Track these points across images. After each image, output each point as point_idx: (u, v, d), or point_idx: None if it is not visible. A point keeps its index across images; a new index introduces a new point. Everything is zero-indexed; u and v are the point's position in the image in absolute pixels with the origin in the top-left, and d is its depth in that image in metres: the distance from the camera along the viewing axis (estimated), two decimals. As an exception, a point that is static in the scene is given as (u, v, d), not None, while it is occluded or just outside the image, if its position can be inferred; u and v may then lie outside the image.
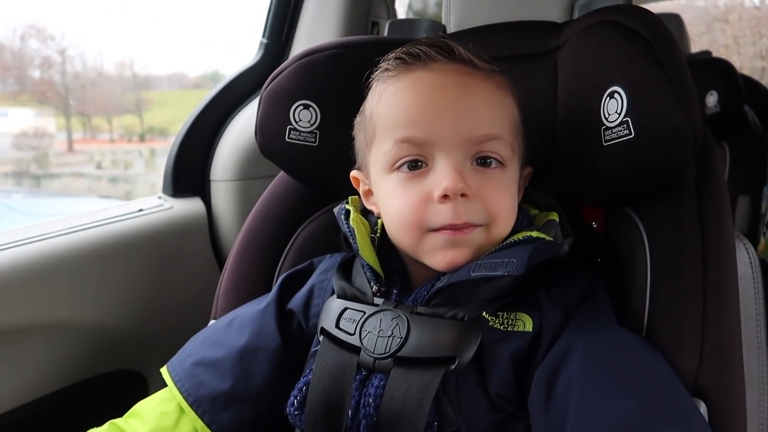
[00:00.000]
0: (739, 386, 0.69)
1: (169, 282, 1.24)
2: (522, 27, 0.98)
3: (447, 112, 0.70)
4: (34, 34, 5.76)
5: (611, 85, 0.76)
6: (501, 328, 0.69)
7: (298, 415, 0.72)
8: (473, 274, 0.68)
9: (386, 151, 0.73)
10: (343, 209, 0.81)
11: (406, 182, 0.71)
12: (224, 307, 0.96)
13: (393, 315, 0.71)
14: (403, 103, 0.72)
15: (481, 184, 0.70)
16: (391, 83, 0.74)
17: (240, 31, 5.85)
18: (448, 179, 0.68)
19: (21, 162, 5.79)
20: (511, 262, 0.67)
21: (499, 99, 0.74)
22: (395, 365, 0.68)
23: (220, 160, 1.36)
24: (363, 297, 0.75)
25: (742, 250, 0.86)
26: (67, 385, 1.10)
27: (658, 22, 0.77)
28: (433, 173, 0.70)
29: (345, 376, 0.69)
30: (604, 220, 0.87)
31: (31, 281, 1.04)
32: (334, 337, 0.73)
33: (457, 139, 0.70)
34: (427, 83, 0.71)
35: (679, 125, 0.71)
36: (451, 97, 0.70)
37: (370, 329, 0.71)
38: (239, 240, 1.00)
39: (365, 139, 0.78)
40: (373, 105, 0.77)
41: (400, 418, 0.65)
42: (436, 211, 0.69)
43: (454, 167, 0.69)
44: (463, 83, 0.71)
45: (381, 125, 0.74)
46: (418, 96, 0.71)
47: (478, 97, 0.71)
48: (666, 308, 0.71)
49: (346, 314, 0.74)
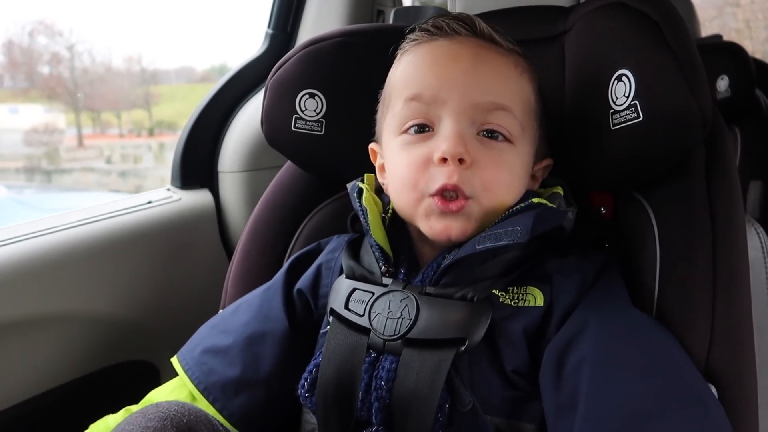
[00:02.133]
0: (751, 370, 0.68)
1: (178, 273, 1.24)
2: (529, 12, 0.97)
3: (457, 76, 0.72)
4: (42, 31, 5.77)
5: (619, 68, 0.75)
6: (512, 304, 0.69)
7: (309, 397, 0.72)
8: (478, 247, 0.68)
9: (397, 112, 0.75)
10: (356, 187, 0.81)
11: (410, 144, 0.73)
12: (233, 297, 0.96)
13: (402, 296, 0.70)
14: (417, 66, 0.75)
15: (482, 153, 0.70)
16: (411, 51, 0.77)
17: (247, 23, 5.84)
18: (448, 142, 0.69)
19: (32, 158, 5.83)
20: (515, 231, 0.67)
21: (513, 75, 0.75)
22: (405, 347, 0.67)
23: (228, 152, 1.36)
24: (371, 277, 0.75)
25: (753, 235, 0.85)
26: (80, 375, 1.11)
27: (666, 3, 0.76)
28: (437, 137, 0.71)
29: (355, 357, 0.69)
30: (612, 205, 0.86)
31: (43, 273, 1.05)
32: (343, 318, 0.73)
33: (464, 103, 0.71)
34: (444, 50, 0.74)
35: (687, 108, 0.70)
36: (464, 64, 0.72)
37: (379, 311, 0.71)
38: (247, 230, 1.00)
39: (382, 107, 0.81)
40: (392, 72, 0.80)
41: (413, 400, 0.65)
42: (432, 173, 0.70)
43: (457, 132, 0.70)
44: (479, 54, 0.73)
45: (396, 88, 0.77)
46: (433, 60, 0.74)
47: (491, 68, 0.73)
48: (676, 293, 0.71)
49: (355, 295, 0.74)
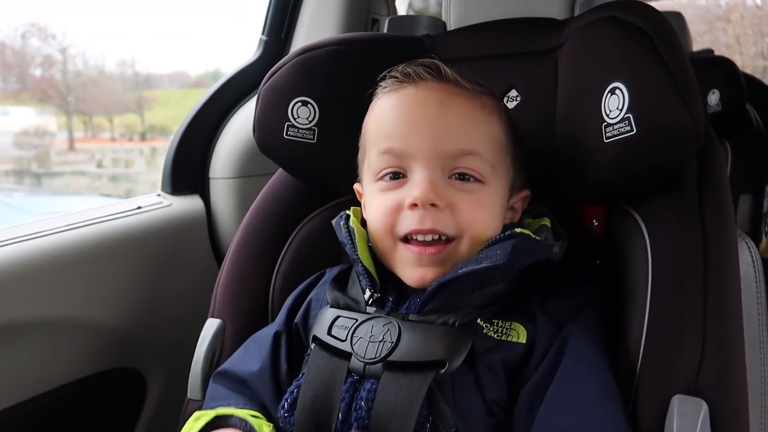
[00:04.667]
0: (742, 385, 0.68)
1: (167, 279, 1.23)
2: (522, 24, 0.97)
3: (424, 127, 0.74)
4: (35, 33, 5.76)
5: (612, 81, 0.75)
6: (495, 336, 0.71)
7: (288, 417, 0.73)
8: (460, 271, 0.70)
9: (372, 161, 0.78)
10: (342, 216, 0.83)
11: (385, 191, 0.76)
12: (222, 305, 0.95)
13: (385, 321, 0.72)
14: (387, 117, 0.77)
15: (456, 195, 0.73)
16: (382, 99, 0.79)
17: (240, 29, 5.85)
18: (419, 189, 0.71)
19: (22, 160, 5.79)
20: (495, 254, 0.70)
21: (480, 117, 0.76)
22: (385, 370, 0.69)
23: (219, 158, 1.35)
24: (356, 306, 0.77)
25: (744, 249, 0.85)
26: (65, 382, 1.09)
27: (660, 17, 0.76)
28: (409, 184, 0.74)
29: (335, 381, 0.71)
30: (604, 218, 0.86)
31: (29, 278, 1.03)
32: (325, 344, 0.74)
33: (432, 153, 0.73)
34: (410, 99, 0.76)
35: (681, 121, 0.71)
36: (430, 112, 0.74)
37: (362, 335, 0.72)
38: (237, 237, 0.99)
39: (361, 152, 0.83)
40: (366, 119, 0.82)
41: (391, 420, 0.66)
42: (404, 217, 0.73)
43: (427, 179, 0.72)
44: (444, 100, 0.75)
45: (370, 138, 0.80)
46: (399, 111, 0.76)
47: (457, 114, 0.74)
48: (667, 306, 0.71)
49: (338, 322, 0.75)
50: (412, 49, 0.98)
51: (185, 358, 0.95)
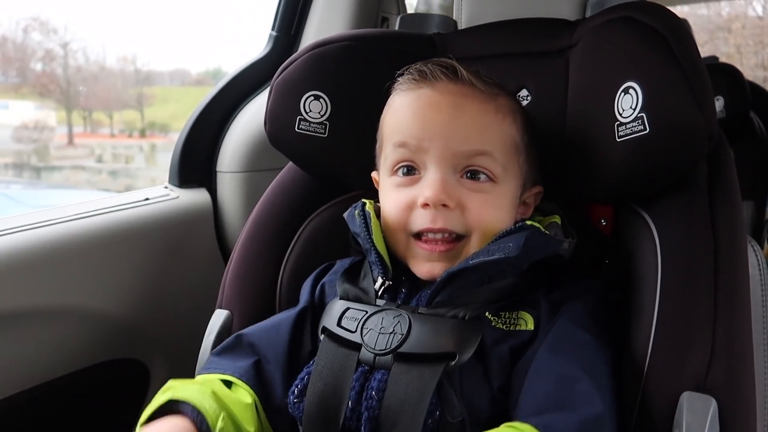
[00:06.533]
0: (750, 384, 0.68)
1: (172, 271, 1.23)
2: (534, 24, 0.98)
3: (437, 128, 0.76)
4: (36, 27, 5.75)
5: (626, 80, 0.76)
6: (503, 327, 0.72)
7: (297, 404, 0.73)
8: (471, 262, 0.72)
9: (387, 154, 0.80)
10: (357, 206, 0.83)
11: (399, 186, 0.78)
12: (230, 298, 0.95)
13: (395, 313, 0.73)
14: (402, 115, 0.80)
15: (466, 196, 0.75)
16: (400, 96, 0.81)
17: (244, 29, 5.86)
18: (431, 189, 0.74)
19: (21, 154, 5.78)
20: (507, 246, 0.71)
21: (493, 120, 0.77)
22: (396, 361, 0.70)
23: (227, 152, 1.35)
24: (365, 298, 0.77)
25: (750, 252, 0.85)
26: (69, 372, 1.09)
27: (674, 17, 0.76)
28: (422, 182, 0.76)
29: (344, 371, 0.71)
30: (613, 218, 0.86)
31: (35, 267, 1.03)
32: (334, 335, 0.75)
33: (445, 152, 0.75)
34: (425, 100, 0.78)
35: (694, 121, 0.71)
36: (444, 114, 0.76)
37: (372, 326, 0.73)
38: (246, 230, 0.99)
39: (378, 144, 0.85)
40: (385, 112, 0.84)
41: (401, 411, 0.67)
42: (417, 215, 0.76)
43: (439, 179, 0.74)
44: (458, 103, 0.77)
45: (386, 132, 0.82)
46: (414, 111, 0.78)
47: (471, 116, 0.76)
48: (677, 305, 0.71)
49: (348, 313, 0.76)
50: (423, 46, 0.99)
51: (188, 349, 0.95)
